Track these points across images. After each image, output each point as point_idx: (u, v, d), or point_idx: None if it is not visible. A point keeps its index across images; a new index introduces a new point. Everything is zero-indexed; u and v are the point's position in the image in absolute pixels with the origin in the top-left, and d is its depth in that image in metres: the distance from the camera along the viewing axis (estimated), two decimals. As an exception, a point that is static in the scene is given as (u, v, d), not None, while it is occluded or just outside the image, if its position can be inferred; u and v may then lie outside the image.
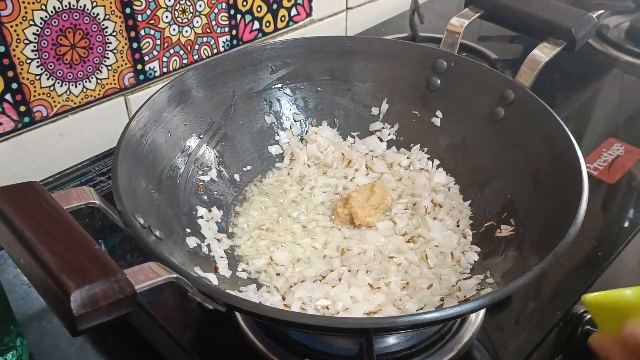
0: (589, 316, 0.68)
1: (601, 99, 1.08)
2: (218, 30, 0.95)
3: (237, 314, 0.64)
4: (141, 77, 0.88)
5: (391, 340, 0.62)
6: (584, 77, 1.10)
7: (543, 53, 0.74)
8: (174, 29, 0.89)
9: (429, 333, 0.63)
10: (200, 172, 0.73)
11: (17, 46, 0.73)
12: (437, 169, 0.78)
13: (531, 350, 0.63)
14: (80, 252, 0.42)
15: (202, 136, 0.74)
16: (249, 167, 0.78)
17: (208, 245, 0.66)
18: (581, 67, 1.11)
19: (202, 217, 0.69)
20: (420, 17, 1.12)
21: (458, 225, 0.71)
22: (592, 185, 0.60)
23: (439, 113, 0.79)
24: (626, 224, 0.80)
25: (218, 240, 0.68)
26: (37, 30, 0.75)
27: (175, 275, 0.46)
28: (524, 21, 0.81)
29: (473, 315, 0.65)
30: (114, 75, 0.85)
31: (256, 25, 1.00)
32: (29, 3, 0.72)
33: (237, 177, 0.76)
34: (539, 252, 0.56)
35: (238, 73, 0.77)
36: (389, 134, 0.82)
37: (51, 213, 0.45)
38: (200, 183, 0.72)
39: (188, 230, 0.66)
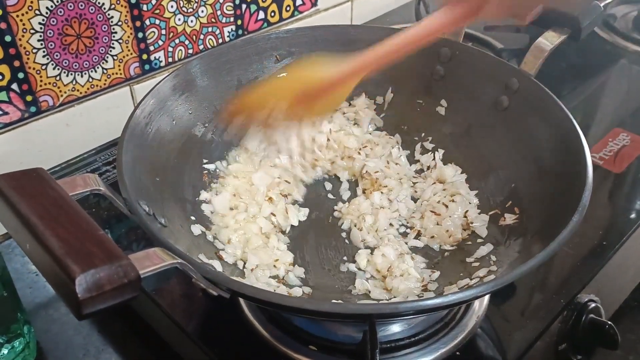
0: (593, 305, 0.68)
1: (608, 89, 1.07)
2: (223, 20, 0.95)
3: (242, 302, 0.65)
4: (146, 67, 0.88)
5: (395, 328, 0.62)
6: (591, 67, 1.10)
7: (548, 41, 0.74)
8: (179, 19, 0.89)
9: (432, 321, 0.63)
10: (205, 161, 0.73)
11: (23, 36, 0.74)
12: (445, 164, 0.77)
13: (535, 339, 0.63)
14: (85, 237, 0.43)
15: (207, 125, 0.74)
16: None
17: (213, 233, 0.67)
18: (588, 57, 1.11)
19: (207, 204, 0.70)
20: (425, 6, 1.11)
21: (466, 216, 0.70)
22: (597, 175, 0.60)
23: (443, 102, 0.79)
24: (632, 214, 0.80)
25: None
26: (43, 20, 0.75)
27: (179, 261, 0.47)
28: (529, 9, 0.80)
29: (477, 304, 0.65)
30: (119, 65, 0.85)
31: (261, 15, 1.00)
32: (34, -7, 0.73)
33: (242, 166, 0.77)
34: (542, 241, 0.56)
35: (242, 62, 0.77)
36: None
37: (56, 199, 0.45)
38: (205, 172, 0.73)
39: (193, 217, 0.67)
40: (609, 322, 0.66)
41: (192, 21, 0.91)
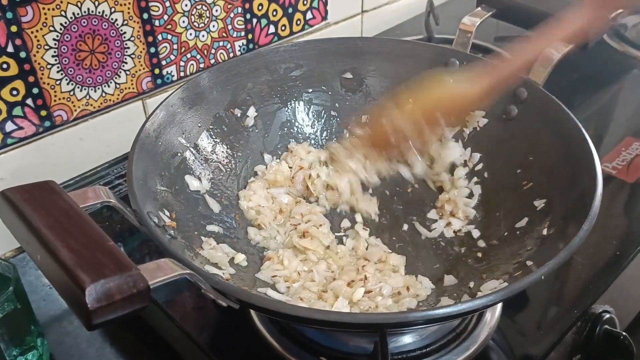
0: (607, 316, 0.67)
1: (620, 98, 1.07)
2: (234, 35, 0.96)
3: (253, 314, 0.65)
4: (159, 81, 0.89)
5: (406, 339, 0.62)
6: (603, 77, 1.09)
7: (555, 50, 0.73)
8: (190, 34, 0.90)
9: (444, 332, 0.62)
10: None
11: (37, 52, 0.75)
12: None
13: (548, 350, 0.63)
14: (95, 248, 0.43)
15: (216, 138, 0.74)
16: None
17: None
18: (600, 67, 1.10)
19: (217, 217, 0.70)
20: (435, 18, 1.12)
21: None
22: (611, 185, 0.59)
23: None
24: (646, 224, 0.79)
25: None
26: (57, 36, 0.76)
27: (188, 271, 0.47)
28: (536, 19, 0.80)
29: (488, 315, 0.65)
30: (132, 80, 0.86)
31: (272, 29, 1.01)
32: (49, 9, 0.74)
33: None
34: (553, 248, 0.56)
35: (252, 75, 0.77)
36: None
37: (67, 210, 0.46)
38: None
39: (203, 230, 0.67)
40: (624, 333, 0.66)
41: (203, 36, 0.92)
